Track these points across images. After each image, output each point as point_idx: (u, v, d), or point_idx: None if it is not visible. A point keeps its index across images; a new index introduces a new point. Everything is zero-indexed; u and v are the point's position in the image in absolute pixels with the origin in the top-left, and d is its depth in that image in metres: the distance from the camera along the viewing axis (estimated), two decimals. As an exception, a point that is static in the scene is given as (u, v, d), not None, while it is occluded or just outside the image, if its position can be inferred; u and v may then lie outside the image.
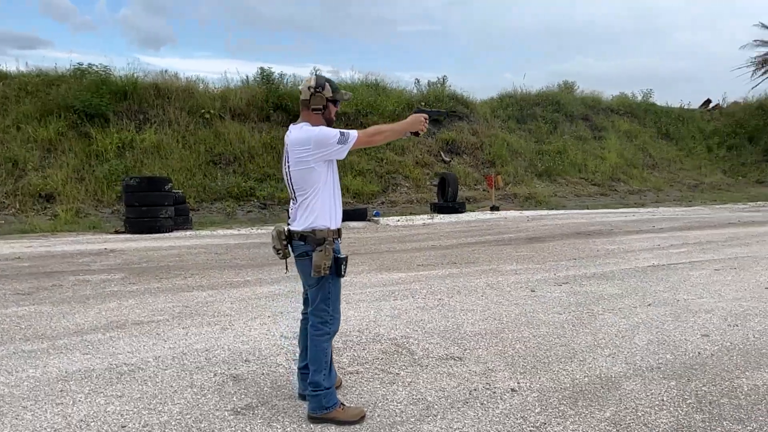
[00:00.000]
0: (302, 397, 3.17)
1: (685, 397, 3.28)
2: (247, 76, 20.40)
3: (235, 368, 3.69)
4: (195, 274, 6.79)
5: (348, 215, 12.33)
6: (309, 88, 2.88)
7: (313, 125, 2.87)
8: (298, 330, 4.38)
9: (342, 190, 10.06)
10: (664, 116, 27.33)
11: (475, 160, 19.81)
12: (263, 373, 3.61)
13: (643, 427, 2.91)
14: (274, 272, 6.81)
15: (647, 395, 3.29)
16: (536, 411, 3.08)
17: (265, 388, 3.38)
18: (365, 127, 3.63)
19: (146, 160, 15.59)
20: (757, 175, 24.14)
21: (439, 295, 5.62)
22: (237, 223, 13.21)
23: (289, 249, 2.98)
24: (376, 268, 7.04)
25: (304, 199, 2.86)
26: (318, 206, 2.87)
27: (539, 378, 3.54)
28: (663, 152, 24.82)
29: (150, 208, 10.31)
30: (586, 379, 3.53)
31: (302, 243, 2.87)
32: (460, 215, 13.55)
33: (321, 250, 2.80)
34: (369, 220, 12.40)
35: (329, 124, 2.95)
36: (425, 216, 13.34)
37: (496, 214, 13.74)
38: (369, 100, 20.31)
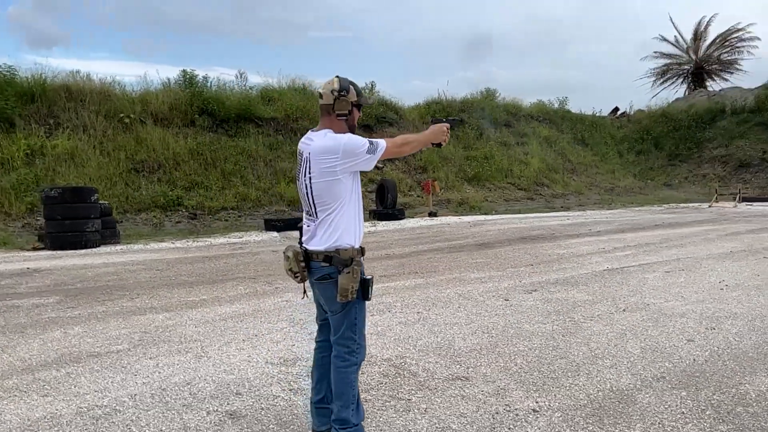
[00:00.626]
0: (318, 434, 2.87)
1: (702, 407, 3.26)
2: (168, 79, 19.39)
3: (228, 404, 3.31)
4: (141, 294, 6.21)
5: (288, 224, 11.92)
6: (332, 91, 2.60)
7: (336, 132, 2.59)
8: (282, 355, 4.08)
9: (276, 197, 9.71)
10: (579, 123, 28.73)
11: (407, 166, 19.85)
12: (263, 408, 3.25)
13: (678, 443, 2.84)
14: (229, 289, 6.36)
15: (666, 408, 3.24)
16: (567, 432, 2.94)
17: (271, 426, 3.03)
18: (299, 133, 3.38)
19: (59, 168, 14.37)
20: (664, 179, 25.84)
21: (416, 309, 5.42)
22: (167, 235, 12.41)
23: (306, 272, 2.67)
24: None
25: (328, 215, 2.57)
26: (343, 222, 2.59)
27: (554, 395, 3.41)
28: (580, 157, 26.04)
29: (74, 221, 9.42)
30: (600, 393, 3.45)
31: (325, 264, 2.57)
32: (400, 222, 13.46)
33: (348, 272, 2.52)
34: (310, 229, 12.04)
35: (352, 130, 2.68)
36: (366, 224, 13.13)
37: (437, 221, 13.77)
38: (299, 104, 19.89)
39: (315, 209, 2.60)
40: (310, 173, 2.56)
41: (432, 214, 14.68)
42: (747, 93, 29.81)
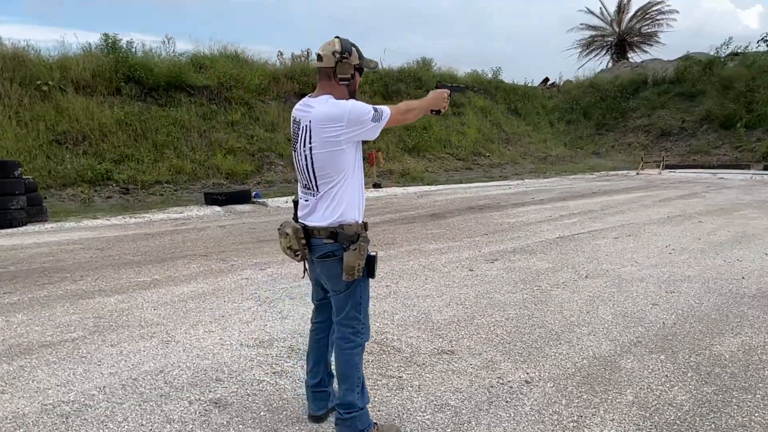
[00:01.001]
0: (315, 418, 2.74)
1: (683, 370, 3.36)
2: (89, 44, 18.04)
3: (210, 391, 3.10)
4: (85, 275, 5.77)
5: (231, 197, 11.48)
6: (334, 53, 2.39)
7: (336, 98, 2.40)
8: (256, 336, 3.88)
9: (213, 170, 9.44)
10: (512, 93, 29.20)
11: (346, 137, 19.54)
12: (248, 394, 3.07)
13: (670, 407, 2.91)
14: (182, 268, 6.02)
15: (650, 373, 3.32)
16: (563, 403, 2.96)
17: (262, 413, 2.87)
18: (233, 103, 3.17)
19: (-30, 141, 13.14)
20: (593, 147, 26.82)
21: (383, 282, 5.32)
22: (99, 211, 11.65)
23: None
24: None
25: (331, 188, 2.39)
26: (346, 196, 2.42)
27: (542, 365, 3.42)
28: (514, 127, 26.54)
29: (-4, 198, 8.63)
30: (585, 361, 3.49)
31: (328, 241, 2.40)
32: (345, 193, 13.27)
33: (355, 249, 2.37)
34: (253, 202, 11.62)
35: (353, 96, 2.49)
36: (311, 195, 12.86)
37: (383, 192, 13.66)
38: (232, 72, 19.06)
39: (316, 182, 2.41)
40: (310, 143, 2.37)
41: (376, 186, 14.56)
42: (667, 64, 31.21)
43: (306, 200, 2.49)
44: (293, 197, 2.64)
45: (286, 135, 18.10)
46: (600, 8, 40.59)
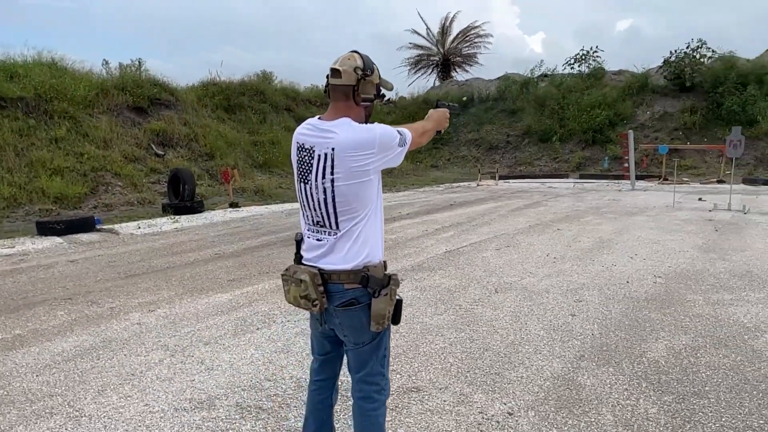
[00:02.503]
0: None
1: (636, 381, 3.52)
2: None
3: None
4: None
5: (71, 226, 10.01)
6: (356, 69, 2.06)
7: (354, 121, 2.08)
8: (189, 396, 3.29)
9: (38, 194, 8.45)
10: (353, 108, 29.69)
11: (191, 153, 18.28)
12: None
13: (649, 422, 3.00)
14: (45, 317, 5.02)
15: (610, 388, 3.42)
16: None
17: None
18: (55, 116, 2.81)
19: None
20: (431, 161, 28.27)
21: (300, 314, 4.91)
22: None
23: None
24: (185, 292, 5.82)
25: (355, 225, 2.07)
26: (372, 233, 2.11)
27: (513, 393, 3.36)
28: (358, 142, 26.97)
29: None
30: (547, 383, 3.50)
31: (351, 287, 2.07)
32: (203, 215, 12.30)
33: (386, 294, 2.06)
34: (99, 230, 10.24)
35: (367, 120, 2.19)
36: (165, 219, 11.70)
37: (243, 212, 12.91)
38: (51, 82, 16.83)
39: (336, 219, 2.06)
40: (332, 174, 2.01)
41: (233, 205, 13.73)
42: (488, 83, 34.15)
43: (319, 239, 2.12)
44: (296, 235, 2.24)
45: (122, 152, 16.41)
46: (426, 30, 43.09)
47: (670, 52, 25.87)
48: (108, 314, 5.07)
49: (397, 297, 2.16)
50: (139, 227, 10.57)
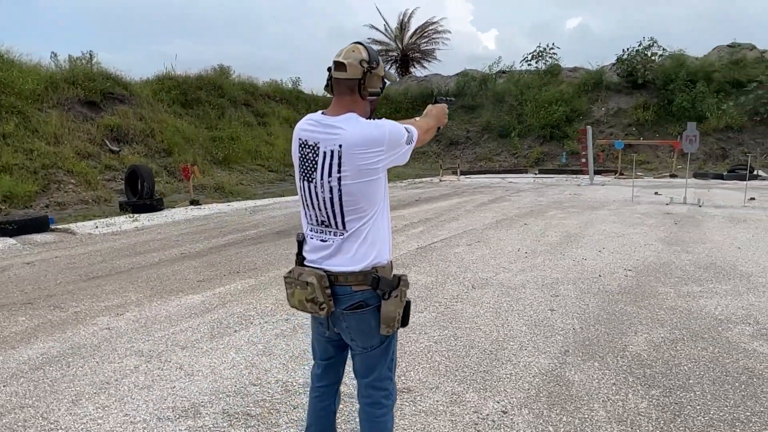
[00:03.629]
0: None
1: (622, 376, 3.55)
2: None
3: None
4: None
5: (24, 226, 9.54)
6: (362, 62, 1.97)
7: (360, 116, 2.00)
8: (171, 404, 3.15)
9: None
10: (313, 104, 29.40)
11: (148, 149, 17.72)
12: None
13: (641, 417, 3.03)
14: (6, 323, 4.74)
15: (599, 383, 3.45)
16: (552, 430, 2.89)
17: None
18: (2, 111, 2.72)
19: None
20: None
21: (277, 315, 4.79)
22: None
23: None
24: (153, 294, 5.60)
25: (362, 225, 1.99)
26: (380, 233, 2.04)
27: (505, 391, 3.35)
28: (319, 137, 26.72)
29: None
30: (537, 380, 3.50)
31: (360, 289, 1.99)
32: (164, 213, 11.93)
33: (396, 296, 1.99)
34: (53, 230, 9.79)
35: (371, 115, 2.11)
36: (124, 218, 11.29)
37: (205, 209, 12.58)
38: (-2, 75, 16.03)
39: (342, 219, 1.97)
40: (339, 172, 1.92)
41: (194, 202, 13.37)
42: (447, 80, 34.37)
43: (323, 240, 2.03)
44: (297, 235, 2.14)
45: (75, 149, 15.76)
46: (384, 25, 43.03)
47: (623, 50, 26.65)
48: (73, 319, 4.82)
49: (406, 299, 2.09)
50: (97, 227, 10.17)
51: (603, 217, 10.32)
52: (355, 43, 2.04)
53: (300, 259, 2.11)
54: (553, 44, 31.87)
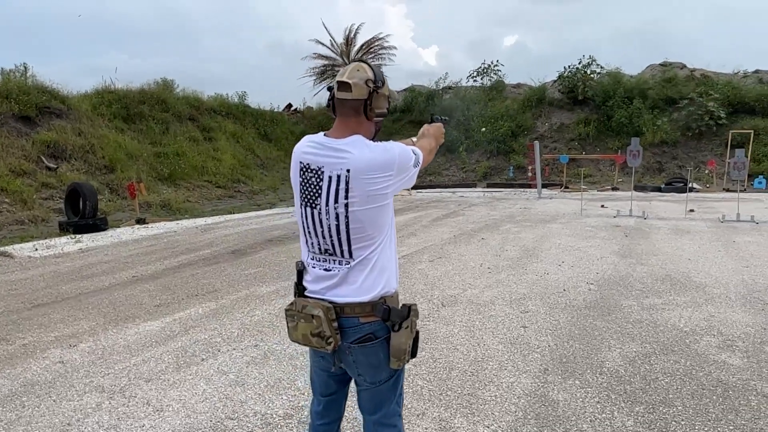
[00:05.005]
0: None
1: (604, 394, 3.56)
2: None
3: None
4: None
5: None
6: (368, 82, 1.88)
7: (365, 137, 1.91)
8: None
9: None
10: (260, 118, 28.99)
11: (88, 166, 16.94)
12: None
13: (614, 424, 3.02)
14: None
15: (584, 403, 3.45)
16: (545, 452, 2.85)
17: None
18: None
19: None
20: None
21: (246, 341, 4.59)
22: None
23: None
24: (107, 322, 5.27)
25: (371, 253, 1.89)
26: (388, 261, 1.95)
27: (493, 415, 3.30)
28: (267, 152, 26.36)
29: None
30: (522, 401, 3.47)
31: (368, 320, 1.88)
32: (108, 233, 11.37)
33: (407, 327, 1.90)
34: (-12, 253, 9.15)
35: (375, 136, 2.02)
36: (65, 239, 10.68)
37: (153, 229, 12.07)
38: None
39: (349, 246, 1.86)
40: (346, 198, 1.82)
41: (140, 221, 12.83)
42: (395, 95, 34.63)
43: (328, 269, 1.91)
44: (296, 264, 2.02)
45: (8, 166, 14.89)
46: (330, 40, 43.02)
47: (564, 67, 27.57)
48: (21, 352, 4.47)
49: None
50: (36, 249, 9.58)
51: (556, 231, 10.53)
52: (358, 61, 1.96)
53: (300, 290, 1.99)
54: (497, 61, 32.60)
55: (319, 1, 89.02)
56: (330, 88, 1.97)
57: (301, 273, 2.00)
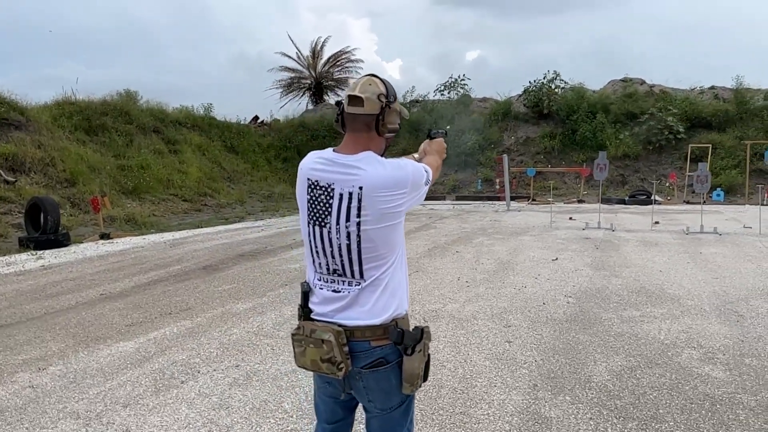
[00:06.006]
0: None
1: (595, 408, 3.56)
2: None
3: None
4: None
5: None
6: (380, 96, 1.82)
7: (376, 154, 1.85)
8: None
9: None
10: (227, 131, 28.64)
11: (48, 179, 16.37)
12: None
13: (624, 450, 3.00)
14: None
15: (576, 419, 3.43)
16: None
17: None
18: None
19: None
20: (310, 184, 27.93)
21: (226, 362, 4.44)
22: None
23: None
24: (77, 343, 5.04)
25: (383, 273, 1.83)
26: (399, 282, 1.90)
27: (486, 432, 3.23)
28: (234, 165, 26.01)
29: None
30: (515, 419, 3.44)
31: (380, 344, 1.82)
32: (70, 249, 10.97)
33: (420, 350, 1.84)
34: (-58, 271, 8.70)
35: (384, 153, 1.96)
36: (26, 255, 10.25)
37: (119, 244, 11.70)
38: None
39: (360, 267, 1.80)
40: (358, 217, 1.76)
41: (105, 236, 12.42)
42: (363, 108, 34.69)
43: (336, 290, 1.84)
44: (302, 285, 1.94)
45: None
46: (296, 53, 42.93)
47: (529, 82, 28.10)
48: (-16, 378, 4.22)
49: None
50: (-6, 265, 9.17)
51: (528, 243, 10.63)
52: (370, 75, 1.90)
53: (306, 312, 1.91)
54: (464, 75, 32.94)
55: (281, 14, 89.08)
56: (338, 103, 1.91)
57: (306, 294, 1.92)
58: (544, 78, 27.69)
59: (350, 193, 1.76)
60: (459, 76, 31.56)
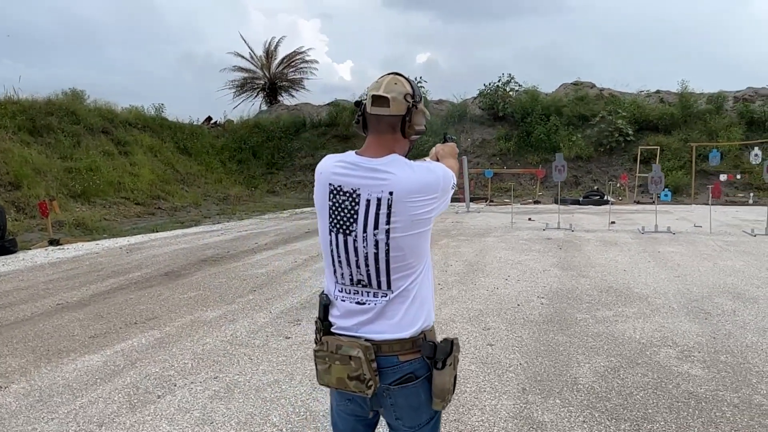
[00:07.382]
0: None
1: (587, 411, 3.57)
2: None
3: None
4: None
5: None
6: (406, 96, 1.73)
7: (401, 157, 1.76)
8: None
9: None
10: (179, 132, 27.89)
11: (-10, 182, 15.53)
12: None
13: (622, 453, 3.01)
14: None
15: (569, 422, 3.43)
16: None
17: None
18: None
19: None
20: (267, 186, 27.54)
21: (203, 373, 4.25)
22: None
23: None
24: (38, 358, 4.74)
25: (411, 283, 1.73)
26: (427, 292, 1.81)
27: (483, 439, 3.17)
28: (187, 167, 25.33)
29: None
30: (510, 425, 3.40)
31: (408, 359, 1.73)
32: (18, 257, 10.39)
33: (450, 364, 1.76)
34: None
35: (408, 155, 1.87)
36: (-31, 263, 9.64)
37: (71, 250, 11.15)
38: None
39: (388, 277, 1.70)
40: (387, 224, 1.66)
41: (54, 242, 11.83)
42: (319, 109, 34.43)
43: (361, 302, 1.73)
44: (321, 297, 1.83)
45: None
46: (249, 53, 42.24)
47: (484, 84, 28.53)
48: (-62, 399, 3.90)
49: None
50: (-64, 275, 8.58)
51: (493, 245, 10.72)
52: (394, 74, 1.80)
53: (326, 326, 1.80)
54: (420, 77, 33.18)
55: (230, 14, 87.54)
56: (358, 103, 1.81)
57: (326, 307, 1.81)
58: (498, 81, 28.17)
59: (379, 199, 1.67)
60: (415, 78, 31.70)
